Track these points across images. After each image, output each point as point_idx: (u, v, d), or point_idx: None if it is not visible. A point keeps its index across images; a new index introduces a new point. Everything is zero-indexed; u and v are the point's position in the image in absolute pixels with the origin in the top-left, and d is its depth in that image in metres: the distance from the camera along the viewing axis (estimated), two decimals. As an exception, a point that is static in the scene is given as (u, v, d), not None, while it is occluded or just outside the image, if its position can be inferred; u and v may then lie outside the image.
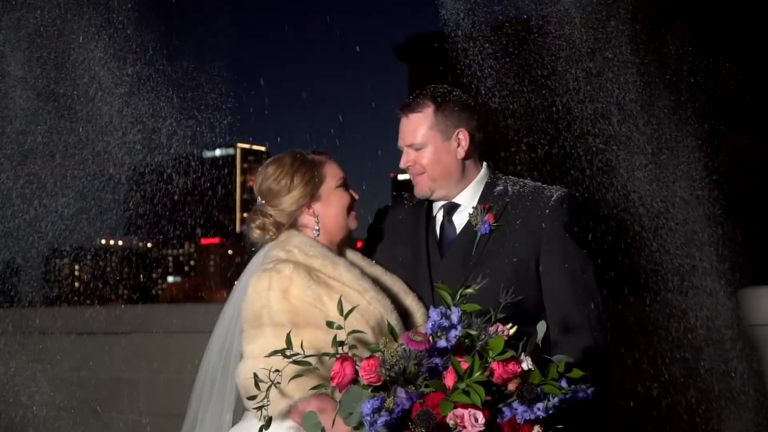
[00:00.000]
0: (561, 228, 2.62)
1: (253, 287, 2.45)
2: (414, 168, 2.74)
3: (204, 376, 2.59)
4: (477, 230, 2.64)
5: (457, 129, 2.69)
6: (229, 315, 2.58)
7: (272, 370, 2.09)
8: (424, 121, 2.69)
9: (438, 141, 2.69)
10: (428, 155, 2.70)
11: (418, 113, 2.70)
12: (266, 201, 2.61)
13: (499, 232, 2.64)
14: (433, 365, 1.94)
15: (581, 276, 2.60)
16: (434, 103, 2.69)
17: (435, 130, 2.68)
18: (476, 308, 1.99)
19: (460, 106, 2.70)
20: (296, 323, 2.35)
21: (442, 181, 2.72)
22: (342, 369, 2.00)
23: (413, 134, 2.71)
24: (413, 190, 2.79)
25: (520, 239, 2.62)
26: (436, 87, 2.75)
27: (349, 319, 2.09)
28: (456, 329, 1.93)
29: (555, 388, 1.95)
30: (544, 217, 2.62)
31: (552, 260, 2.61)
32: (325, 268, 2.50)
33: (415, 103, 2.72)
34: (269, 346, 2.18)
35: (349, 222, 2.67)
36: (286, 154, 2.64)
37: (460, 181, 2.74)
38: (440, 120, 2.68)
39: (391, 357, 1.93)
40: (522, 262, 2.61)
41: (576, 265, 2.60)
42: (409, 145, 2.73)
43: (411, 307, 2.62)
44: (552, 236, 2.61)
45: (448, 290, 2.02)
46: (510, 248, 2.61)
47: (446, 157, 2.70)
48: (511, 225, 2.64)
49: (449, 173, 2.71)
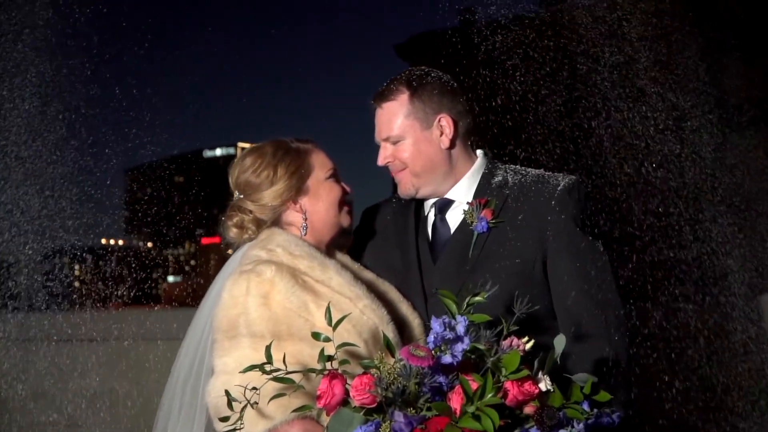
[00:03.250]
0: (570, 221, 2.31)
1: (229, 291, 2.16)
2: (394, 164, 2.43)
3: (171, 394, 2.30)
4: (473, 229, 2.36)
5: (438, 115, 2.38)
6: (202, 324, 2.29)
7: (248, 387, 1.82)
8: (399, 110, 2.39)
9: (417, 131, 2.39)
10: (408, 148, 2.40)
11: (391, 102, 2.40)
12: (245, 195, 2.34)
13: (498, 229, 2.34)
14: (437, 385, 1.70)
15: (595, 275, 2.28)
16: (409, 89, 2.39)
17: (412, 119, 2.38)
18: (486, 319, 1.73)
19: (439, 89, 2.40)
20: (278, 334, 2.07)
21: (426, 176, 2.42)
22: (330, 388, 1.75)
23: (388, 126, 2.41)
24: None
25: (524, 237, 2.32)
26: (411, 70, 2.44)
27: (339, 330, 1.84)
28: (463, 342, 1.67)
29: (578, 412, 1.69)
30: (549, 210, 2.32)
31: (561, 259, 2.31)
32: (313, 270, 2.22)
33: (387, 90, 2.42)
34: (246, 360, 1.91)
35: (340, 218, 2.39)
36: (267, 143, 2.36)
37: (448, 175, 2.43)
38: (417, 107, 2.38)
39: (388, 374, 1.68)
40: (527, 263, 2.31)
41: (588, 262, 2.29)
42: (385, 139, 2.43)
43: (407, 318, 2.34)
44: (560, 231, 2.31)
45: (452, 297, 1.76)
46: (512, 248, 2.32)
47: (428, 148, 2.40)
48: (513, 221, 2.34)
49: (434, 166, 2.41)
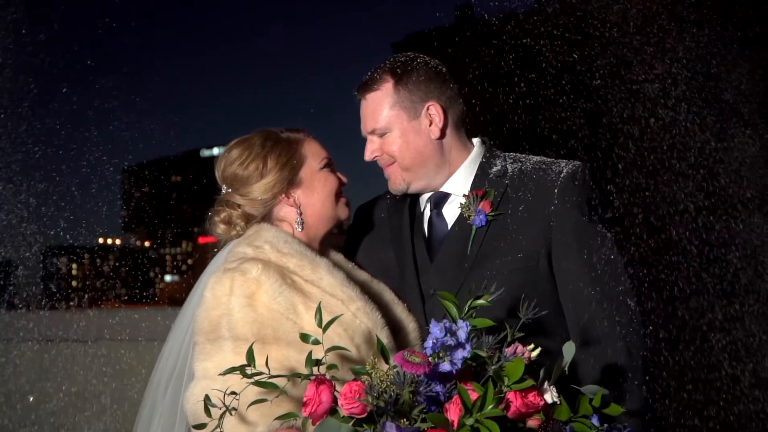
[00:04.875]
0: (575, 209, 2.14)
1: (212, 291, 2.02)
2: (382, 158, 2.28)
3: (151, 399, 2.16)
4: (471, 223, 2.20)
5: (426, 103, 2.23)
6: (185, 325, 2.15)
7: (227, 392, 1.67)
8: (383, 100, 2.24)
9: (404, 121, 2.23)
10: (395, 140, 2.24)
11: (375, 92, 2.25)
12: (233, 189, 2.20)
13: (499, 222, 2.19)
14: (434, 394, 1.56)
15: (605, 267, 2.11)
16: (393, 77, 2.24)
17: (398, 109, 2.23)
18: (489, 324, 1.59)
19: (426, 75, 2.24)
20: (262, 338, 1.93)
21: (417, 170, 2.26)
22: (317, 395, 1.61)
23: (373, 117, 2.25)
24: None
25: (526, 229, 2.16)
26: (396, 57, 2.29)
27: (330, 334, 1.71)
28: (464, 349, 1.52)
29: (587, 427, 1.55)
30: (552, 199, 2.16)
31: (566, 251, 2.14)
32: (303, 270, 2.07)
33: (371, 79, 2.26)
34: (227, 365, 1.76)
35: (337, 210, 2.25)
36: (255, 134, 2.22)
37: (441, 166, 2.27)
38: (403, 95, 2.23)
39: (380, 382, 1.54)
40: (530, 258, 2.15)
41: (597, 254, 2.12)
42: (371, 132, 2.28)
43: (402, 321, 2.19)
44: (564, 221, 2.14)
45: (454, 300, 1.62)
46: (514, 241, 2.16)
47: (417, 140, 2.24)
48: (514, 212, 2.19)
49: (424, 159, 2.25)
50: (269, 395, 1.70)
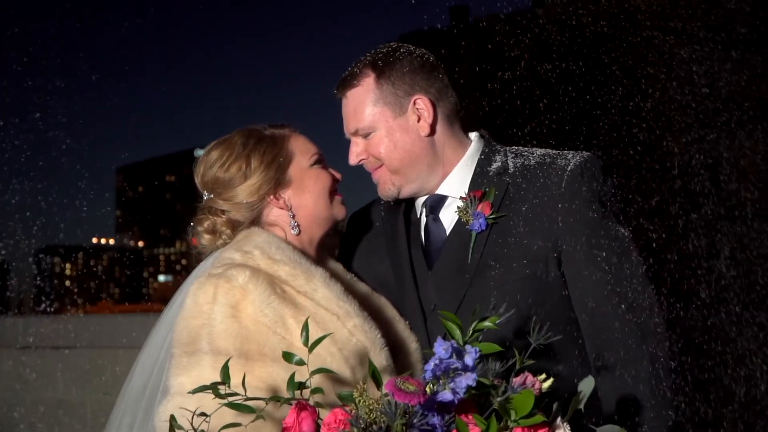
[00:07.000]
0: (584, 206, 1.91)
1: (193, 297, 1.83)
2: (369, 162, 2.08)
3: (121, 414, 1.96)
4: (470, 228, 2.00)
5: (412, 97, 2.02)
6: (163, 335, 1.96)
7: (197, 413, 1.49)
8: (365, 97, 2.04)
9: (389, 119, 2.03)
10: (381, 141, 2.04)
11: (356, 88, 2.05)
12: (215, 195, 2.02)
13: (501, 226, 1.98)
14: (429, 427, 1.35)
15: (621, 269, 1.88)
16: (374, 70, 2.03)
17: (382, 105, 2.03)
18: (496, 349, 1.40)
19: (410, 66, 2.03)
20: (246, 353, 1.75)
21: (407, 172, 2.05)
22: (297, 422, 1.46)
23: (355, 117, 2.05)
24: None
25: (532, 232, 1.95)
26: (377, 49, 2.09)
27: (321, 352, 1.58)
28: (469, 377, 1.32)
29: (602, 469, 1.36)
30: (560, 195, 1.94)
31: (577, 253, 1.91)
32: (296, 279, 1.88)
33: (351, 75, 2.06)
34: (205, 382, 1.57)
35: (333, 210, 2.07)
36: (235, 133, 2.04)
37: (434, 166, 2.06)
38: (386, 90, 2.02)
39: (368, 411, 1.34)
40: (537, 263, 1.94)
41: (611, 254, 1.89)
42: (354, 133, 2.08)
43: (403, 340, 2.01)
44: (574, 221, 1.92)
45: (457, 320, 1.43)
46: (519, 247, 1.95)
47: (405, 138, 2.03)
48: (517, 214, 1.97)
49: (414, 159, 2.04)
50: (245, 419, 1.52)
